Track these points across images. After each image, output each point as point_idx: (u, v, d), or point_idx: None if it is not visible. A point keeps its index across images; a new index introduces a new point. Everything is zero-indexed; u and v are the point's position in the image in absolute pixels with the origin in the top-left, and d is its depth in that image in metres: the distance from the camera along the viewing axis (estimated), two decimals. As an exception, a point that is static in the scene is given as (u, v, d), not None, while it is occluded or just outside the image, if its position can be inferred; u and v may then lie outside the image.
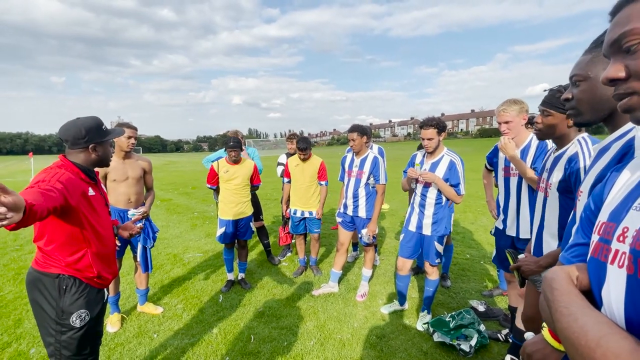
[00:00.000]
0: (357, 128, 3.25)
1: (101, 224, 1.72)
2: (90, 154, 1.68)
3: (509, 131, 2.45)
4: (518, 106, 2.40)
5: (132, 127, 2.83)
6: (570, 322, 0.55)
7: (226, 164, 3.52)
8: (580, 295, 0.60)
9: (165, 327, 2.92)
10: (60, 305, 1.59)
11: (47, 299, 1.59)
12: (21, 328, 2.91)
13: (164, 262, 4.48)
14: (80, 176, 1.64)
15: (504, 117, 2.44)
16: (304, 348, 2.61)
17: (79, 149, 1.66)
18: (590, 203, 0.77)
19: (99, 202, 1.73)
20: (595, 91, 0.98)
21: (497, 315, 2.99)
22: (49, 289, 1.59)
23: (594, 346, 0.49)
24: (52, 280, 1.59)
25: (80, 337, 1.63)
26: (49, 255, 1.60)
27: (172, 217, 7.40)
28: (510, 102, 2.42)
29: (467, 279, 3.86)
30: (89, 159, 1.69)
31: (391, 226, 6.14)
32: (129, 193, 2.85)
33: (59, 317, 1.59)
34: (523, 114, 2.43)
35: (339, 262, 3.53)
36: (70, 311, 1.60)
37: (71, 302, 1.61)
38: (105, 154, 1.75)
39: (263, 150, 45.01)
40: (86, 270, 1.66)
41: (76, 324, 1.61)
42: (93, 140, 1.67)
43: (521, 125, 2.44)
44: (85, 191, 1.63)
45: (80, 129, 1.63)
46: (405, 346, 2.62)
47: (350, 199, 3.37)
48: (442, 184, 2.65)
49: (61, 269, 1.60)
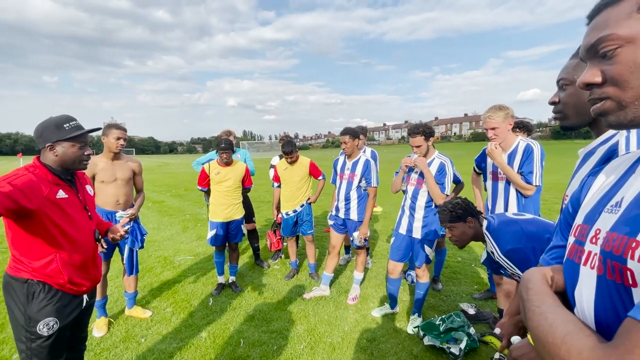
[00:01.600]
0: (349, 131, 3.26)
1: (75, 228, 1.64)
2: (50, 154, 1.58)
3: (496, 137, 2.49)
4: (503, 112, 2.44)
5: (122, 128, 2.80)
6: (540, 321, 0.56)
7: (217, 165, 3.50)
8: (553, 296, 0.62)
9: (153, 331, 2.88)
10: (28, 312, 1.52)
11: (17, 304, 1.53)
12: (4, 333, 2.84)
13: (154, 265, 4.42)
14: (49, 178, 1.56)
15: (490, 124, 2.48)
16: (294, 352, 2.59)
17: (42, 148, 1.58)
18: (569, 206, 0.79)
19: (72, 205, 1.64)
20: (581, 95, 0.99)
21: (487, 318, 3.00)
22: (18, 294, 1.53)
23: (559, 343, 0.50)
24: (21, 285, 1.53)
25: (50, 345, 1.55)
26: (18, 259, 1.54)
27: (164, 219, 7.32)
28: (495, 109, 2.46)
29: (458, 282, 3.87)
30: (54, 159, 1.59)
31: (383, 229, 6.15)
32: (118, 194, 2.81)
33: (27, 324, 1.52)
34: (509, 120, 2.47)
35: (330, 265, 3.52)
36: (37, 319, 1.52)
37: (39, 309, 1.53)
38: (66, 154, 1.59)
39: (258, 153, 44.88)
40: (56, 276, 1.57)
41: (43, 332, 1.53)
42: (48, 140, 1.56)
43: (507, 130, 2.48)
44: (52, 194, 1.54)
45: (38, 129, 1.58)
46: (396, 350, 2.61)
47: (342, 201, 3.37)
48: (430, 178, 2.68)
49: (29, 274, 1.53)
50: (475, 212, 1.98)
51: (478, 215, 1.98)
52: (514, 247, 1.68)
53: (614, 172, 0.68)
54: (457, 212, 1.99)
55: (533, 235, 1.68)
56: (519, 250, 1.66)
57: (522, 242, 1.67)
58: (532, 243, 1.64)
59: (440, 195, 2.69)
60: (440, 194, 2.68)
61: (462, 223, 1.99)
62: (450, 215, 2.02)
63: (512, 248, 1.69)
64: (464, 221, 1.98)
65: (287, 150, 3.66)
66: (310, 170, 3.84)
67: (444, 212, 2.05)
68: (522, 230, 1.73)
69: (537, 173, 2.43)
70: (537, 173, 2.43)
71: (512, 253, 1.69)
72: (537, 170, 2.43)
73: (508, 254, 1.70)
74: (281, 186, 3.92)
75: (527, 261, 1.64)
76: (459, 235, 2.03)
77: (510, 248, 1.70)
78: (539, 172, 2.44)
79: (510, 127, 2.49)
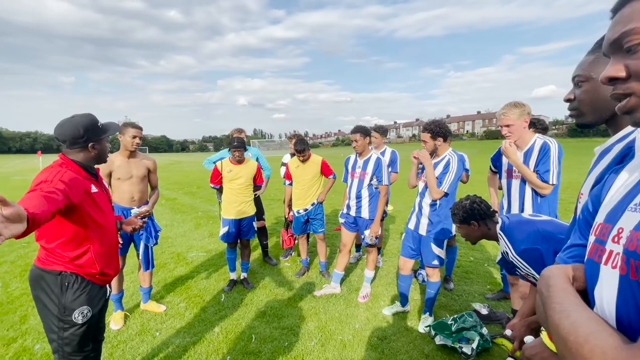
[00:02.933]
0: (360, 129, 3.25)
1: (105, 220, 1.75)
2: (90, 152, 1.70)
3: (511, 135, 2.44)
4: (519, 109, 2.38)
5: (137, 126, 2.86)
6: (562, 319, 0.55)
7: (230, 163, 3.54)
8: (575, 294, 0.61)
9: (167, 325, 2.94)
10: (63, 302, 1.60)
11: (49, 296, 1.60)
12: (27, 324, 2.95)
13: (167, 261, 4.51)
14: (82, 174, 1.66)
15: (504, 121, 2.43)
16: (305, 349, 2.61)
17: (78, 148, 1.67)
18: (588, 204, 0.77)
19: (102, 199, 1.75)
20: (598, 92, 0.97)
21: (500, 319, 2.96)
22: (52, 286, 1.60)
23: (582, 342, 0.49)
24: (54, 278, 1.60)
25: (82, 333, 1.65)
26: (52, 252, 1.61)
27: (177, 216, 7.45)
28: (510, 106, 2.40)
29: (471, 281, 3.83)
30: (88, 156, 1.71)
31: (395, 228, 6.11)
32: (133, 191, 2.88)
33: (61, 313, 1.60)
34: (524, 117, 2.41)
35: (341, 263, 3.53)
36: (73, 307, 1.62)
37: (73, 298, 1.62)
38: (103, 150, 1.76)
39: (268, 151, 45.17)
40: (88, 266, 1.67)
41: (78, 320, 1.63)
42: (91, 139, 1.68)
43: (523, 128, 2.42)
44: (88, 189, 1.65)
45: (78, 129, 1.64)
46: (407, 348, 2.60)
47: (353, 199, 3.37)
48: (430, 170, 2.67)
49: (63, 266, 1.62)
50: (485, 215, 1.95)
51: (488, 218, 1.95)
52: (529, 247, 1.66)
53: (637, 169, 0.66)
54: (460, 214, 2.00)
55: (549, 236, 1.65)
56: (534, 250, 1.64)
57: (537, 242, 1.65)
58: (548, 244, 1.61)
59: (436, 190, 2.68)
60: (435, 188, 2.67)
61: (466, 225, 2.00)
62: (454, 217, 2.05)
63: (527, 248, 1.67)
64: (467, 224, 1.99)
65: (299, 149, 3.67)
66: (322, 168, 3.85)
67: (451, 212, 2.10)
68: (538, 230, 1.70)
69: (553, 171, 2.37)
70: (554, 171, 2.37)
71: (526, 253, 1.67)
72: (554, 168, 2.37)
73: (522, 254, 1.68)
74: (293, 184, 3.94)
75: (541, 261, 1.61)
76: (465, 235, 2.05)
77: (525, 248, 1.67)
78: (555, 170, 2.38)
79: (526, 125, 2.43)
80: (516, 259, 1.71)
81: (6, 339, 2.73)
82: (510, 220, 1.87)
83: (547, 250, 1.60)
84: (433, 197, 2.70)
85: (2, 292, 3.59)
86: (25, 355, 2.53)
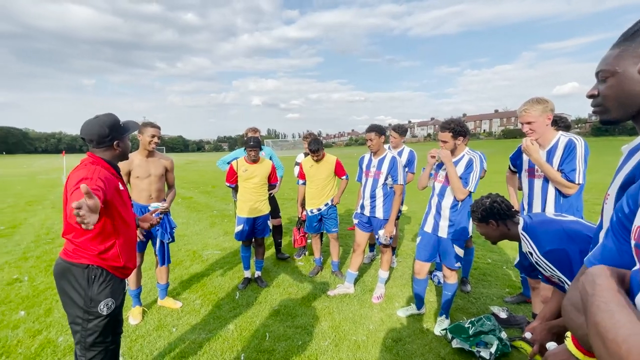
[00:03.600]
0: (375, 128, 3.22)
1: (128, 216, 1.83)
2: (115, 150, 1.78)
3: (532, 132, 2.34)
4: (541, 106, 2.28)
5: (156, 126, 2.92)
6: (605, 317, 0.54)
7: (245, 163, 3.57)
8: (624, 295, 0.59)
9: (183, 321, 3.00)
10: (89, 294, 1.67)
11: (75, 288, 1.67)
12: (51, 317, 3.06)
13: (183, 258, 4.59)
14: (111, 171, 1.75)
15: (525, 118, 2.33)
16: (319, 348, 2.60)
17: (105, 147, 1.75)
18: (623, 205, 0.72)
19: (126, 196, 1.85)
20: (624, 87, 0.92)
21: (520, 323, 2.86)
22: (78, 278, 1.67)
23: (620, 341, 0.49)
24: (81, 271, 1.67)
25: (105, 324, 1.72)
26: (80, 246, 1.68)
27: (193, 214, 7.59)
28: (532, 102, 2.31)
29: (489, 284, 3.73)
30: (114, 154, 1.79)
31: (409, 228, 6.03)
32: (151, 190, 2.94)
33: (87, 305, 1.67)
34: (547, 114, 2.30)
35: (355, 263, 3.50)
36: (99, 299, 1.69)
37: (99, 291, 1.69)
38: (126, 148, 1.85)
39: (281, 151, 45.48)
40: (113, 260, 1.75)
41: (103, 311, 1.70)
42: (116, 137, 1.76)
43: (546, 125, 2.32)
44: (117, 186, 1.75)
45: (104, 128, 1.72)
46: (422, 351, 2.56)
47: (368, 199, 3.34)
48: (453, 171, 2.59)
49: (90, 259, 1.69)
50: (505, 214, 1.89)
51: (508, 217, 1.89)
52: (555, 248, 1.59)
53: None
54: (479, 213, 1.96)
55: (576, 235, 1.58)
56: (560, 251, 1.57)
57: (564, 242, 1.58)
58: (575, 244, 1.54)
59: (461, 190, 2.60)
60: (461, 188, 2.59)
61: (485, 224, 1.95)
62: (473, 215, 2.01)
63: (553, 249, 1.60)
64: (486, 223, 1.94)
65: (313, 148, 3.67)
66: (336, 168, 3.83)
67: (470, 209, 2.05)
68: (564, 229, 1.63)
69: (580, 170, 2.27)
70: (580, 170, 2.27)
71: (552, 254, 1.60)
72: (580, 167, 2.27)
73: (547, 255, 1.61)
74: (306, 183, 3.94)
75: (568, 263, 1.54)
76: (484, 234, 2.01)
77: (551, 249, 1.61)
78: (582, 169, 2.28)
79: (548, 122, 2.32)
80: (541, 260, 1.64)
81: (32, 330, 2.84)
82: (533, 219, 1.80)
83: (574, 250, 1.53)
84: (458, 198, 2.63)
85: (28, 286, 3.74)
86: (50, 346, 2.63)
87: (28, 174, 19.70)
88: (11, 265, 4.40)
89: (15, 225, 6.58)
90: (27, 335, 2.78)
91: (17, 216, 7.49)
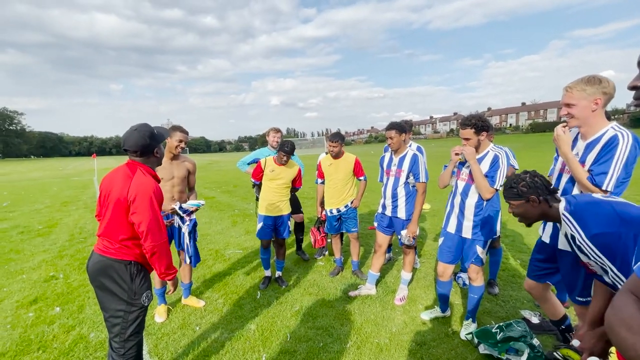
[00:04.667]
0: (395, 125, 3.13)
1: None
2: (154, 157, 1.96)
3: (571, 118, 1.93)
4: (591, 87, 1.85)
5: (184, 131, 3.00)
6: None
7: (273, 163, 3.58)
8: None
9: (206, 320, 3.05)
10: (133, 287, 1.83)
11: (118, 283, 1.81)
12: (83, 313, 3.21)
13: (206, 258, 4.69)
14: (156, 178, 1.93)
15: (566, 98, 1.93)
16: (340, 350, 2.57)
17: (147, 155, 1.91)
18: None
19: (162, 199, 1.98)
20: None
21: (554, 329, 2.70)
22: (121, 274, 1.81)
23: None
24: (124, 266, 1.82)
25: (143, 315, 1.89)
26: (125, 245, 1.83)
27: (215, 214, 7.75)
28: (581, 81, 1.88)
29: (518, 286, 3.55)
30: (154, 161, 1.97)
31: (432, 227, 5.87)
32: (173, 192, 3.01)
33: (131, 297, 1.82)
34: (596, 97, 1.85)
35: (376, 264, 3.43)
36: (141, 292, 1.86)
37: (141, 284, 1.87)
38: (162, 154, 2.03)
39: (300, 150, 45.68)
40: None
41: (145, 302, 1.88)
42: (155, 146, 1.92)
43: (592, 111, 1.88)
44: (161, 193, 1.91)
45: (145, 138, 1.87)
46: (448, 356, 2.46)
47: (389, 199, 3.25)
48: (477, 170, 2.46)
49: (132, 256, 1.84)
50: (545, 191, 1.72)
51: (550, 194, 1.72)
52: (604, 232, 1.40)
53: None
54: (519, 189, 1.75)
55: (629, 218, 1.37)
56: (610, 235, 1.38)
57: (615, 225, 1.38)
58: (627, 227, 1.34)
59: (488, 189, 2.46)
60: (488, 187, 2.46)
61: (524, 202, 1.75)
62: (511, 191, 1.79)
63: (602, 232, 1.40)
64: (527, 200, 1.74)
65: (333, 139, 3.64)
66: (355, 167, 3.77)
67: (506, 187, 1.83)
68: (616, 211, 1.42)
69: (612, 175, 1.84)
70: (613, 176, 1.84)
71: (600, 238, 1.41)
72: (615, 172, 1.84)
73: (594, 239, 1.42)
74: (325, 182, 3.90)
75: (617, 249, 1.35)
76: (521, 214, 1.80)
77: (599, 232, 1.41)
78: (615, 174, 1.84)
79: (596, 108, 1.87)
80: (585, 244, 1.46)
81: (66, 326, 2.99)
82: (578, 200, 1.61)
83: (627, 235, 1.33)
84: (484, 197, 2.50)
85: (63, 283, 3.94)
86: (82, 342, 2.75)
87: (63, 176, 20.90)
88: (48, 263, 4.66)
89: (52, 225, 6.98)
90: (61, 331, 2.92)
91: (53, 216, 7.94)
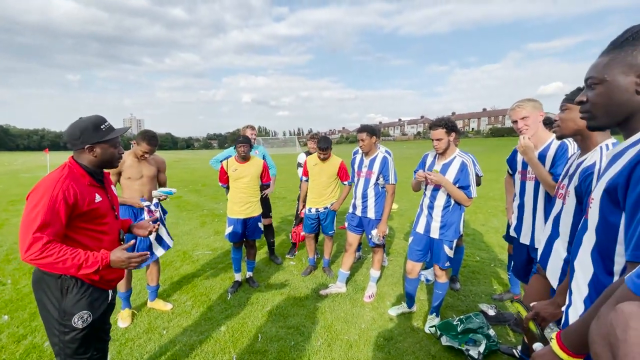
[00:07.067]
0: (367, 128, 3.23)
1: (106, 229, 1.69)
2: (89, 155, 1.63)
3: (527, 127, 2.26)
4: (533, 102, 2.28)
5: (152, 142, 2.82)
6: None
7: (235, 162, 3.54)
8: None
9: (174, 323, 2.96)
10: (62, 306, 1.56)
11: (50, 299, 1.57)
12: (36, 321, 2.98)
13: (173, 259, 4.54)
14: (86, 180, 1.62)
15: (520, 113, 2.27)
16: (311, 348, 2.61)
17: (78, 150, 1.63)
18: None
19: (104, 207, 1.68)
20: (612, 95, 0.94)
21: (508, 320, 2.93)
22: (52, 289, 1.56)
23: None
24: (54, 281, 1.56)
25: (83, 337, 1.61)
26: None
27: (182, 214, 7.49)
28: (524, 99, 2.31)
29: (477, 281, 3.80)
30: (92, 160, 1.65)
31: (400, 227, 6.09)
32: (143, 190, 2.90)
33: (61, 317, 1.57)
34: (540, 111, 2.28)
35: (347, 263, 3.52)
36: (72, 312, 1.57)
37: (73, 303, 1.57)
38: (105, 155, 1.66)
39: (272, 149, 45.17)
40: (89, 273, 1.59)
41: (78, 325, 1.58)
42: (88, 141, 1.60)
43: (539, 122, 2.28)
44: (93, 198, 1.61)
45: (75, 130, 1.60)
46: (413, 349, 2.59)
47: (360, 199, 3.35)
48: (451, 187, 2.61)
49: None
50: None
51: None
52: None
53: None
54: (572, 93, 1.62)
55: None
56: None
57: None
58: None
59: (466, 200, 2.64)
60: (465, 198, 2.63)
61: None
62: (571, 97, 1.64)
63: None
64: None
65: (323, 146, 3.67)
66: (339, 171, 3.84)
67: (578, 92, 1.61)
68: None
69: None
70: None
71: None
72: None
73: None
74: (308, 181, 3.94)
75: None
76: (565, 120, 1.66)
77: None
78: None
79: (541, 119, 2.27)
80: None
81: (17, 335, 2.77)
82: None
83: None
84: (465, 206, 2.73)
85: (12, 289, 3.64)
86: (35, 352, 2.56)
87: (10, 172, 19.08)
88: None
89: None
90: (11, 341, 2.70)
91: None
